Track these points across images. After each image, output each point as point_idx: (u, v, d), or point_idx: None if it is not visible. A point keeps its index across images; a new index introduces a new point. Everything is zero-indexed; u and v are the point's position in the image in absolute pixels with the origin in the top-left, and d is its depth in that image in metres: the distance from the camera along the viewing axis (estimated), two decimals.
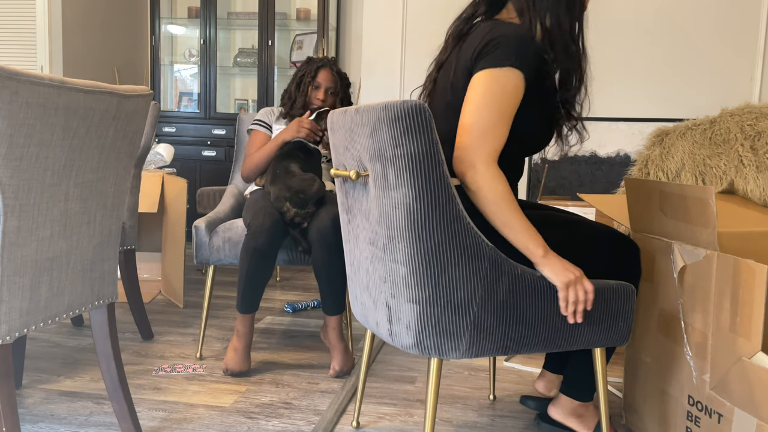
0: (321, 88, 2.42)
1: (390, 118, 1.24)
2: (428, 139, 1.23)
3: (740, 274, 1.33)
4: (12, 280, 1.23)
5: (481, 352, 1.32)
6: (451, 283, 1.28)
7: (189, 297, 3.10)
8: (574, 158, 3.56)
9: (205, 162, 4.47)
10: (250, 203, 2.21)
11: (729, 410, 1.36)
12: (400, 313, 1.34)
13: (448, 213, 1.26)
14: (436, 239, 1.26)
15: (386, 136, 1.26)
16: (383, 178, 1.31)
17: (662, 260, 1.59)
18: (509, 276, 1.31)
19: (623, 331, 1.44)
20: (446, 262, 1.28)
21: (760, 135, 1.89)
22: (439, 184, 1.25)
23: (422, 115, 1.22)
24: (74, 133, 1.30)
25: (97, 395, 1.91)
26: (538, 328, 1.35)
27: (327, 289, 2.10)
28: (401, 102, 1.22)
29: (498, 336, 1.32)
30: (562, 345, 1.38)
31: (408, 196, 1.26)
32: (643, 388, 1.69)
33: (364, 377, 1.72)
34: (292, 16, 4.60)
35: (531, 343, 1.36)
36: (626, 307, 1.42)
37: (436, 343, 1.30)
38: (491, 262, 1.29)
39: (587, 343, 1.41)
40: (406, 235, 1.28)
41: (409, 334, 1.32)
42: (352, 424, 1.77)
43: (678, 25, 4.01)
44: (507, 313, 1.32)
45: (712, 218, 1.39)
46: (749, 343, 1.31)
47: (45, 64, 3.69)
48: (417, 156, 1.23)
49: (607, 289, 1.40)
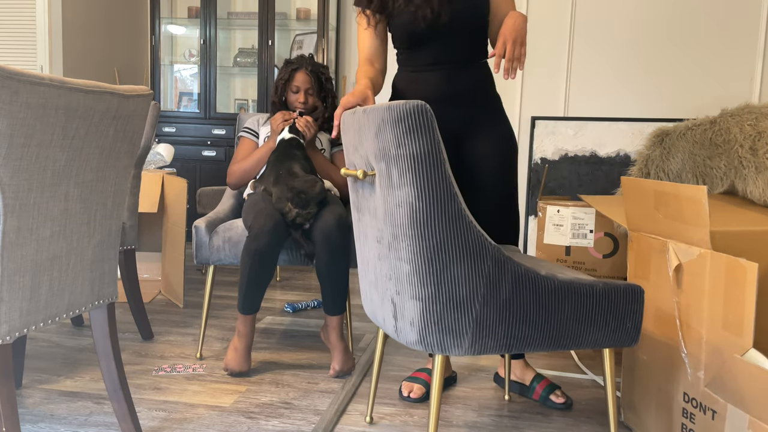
0: (300, 92, 2.43)
1: (393, 119, 1.27)
2: (430, 139, 1.26)
3: (732, 273, 1.34)
4: (12, 280, 1.23)
5: (484, 350, 1.34)
6: (453, 281, 1.30)
7: (189, 297, 3.10)
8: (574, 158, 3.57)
9: (205, 162, 4.47)
10: (250, 204, 2.21)
11: (722, 407, 1.36)
12: (404, 310, 1.36)
13: (450, 212, 1.28)
14: (439, 237, 1.28)
15: (390, 136, 1.29)
16: (387, 177, 1.34)
17: (658, 259, 1.60)
18: (512, 274, 1.32)
19: (631, 333, 1.42)
20: (448, 260, 1.29)
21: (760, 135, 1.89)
22: (440, 183, 1.27)
23: (424, 116, 1.25)
24: (74, 133, 1.30)
25: (97, 395, 1.91)
26: (542, 327, 1.35)
27: (329, 289, 2.10)
28: (404, 103, 1.25)
29: (501, 334, 1.33)
30: (567, 344, 1.38)
31: (411, 195, 1.28)
32: (641, 386, 1.70)
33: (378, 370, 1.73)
34: (292, 16, 4.60)
35: (535, 342, 1.36)
36: (634, 308, 1.41)
37: (439, 339, 1.32)
38: (494, 261, 1.30)
39: (594, 344, 1.40)
40: (409, 233, 1.30)
41: (413, 330, 1.34)
42: (366, 419, 1.79)
43: (678, 26, 4.01)
44: (510, 311, 1.33)
45: (705, 217, 1.40)
46: (741, 340, 1.32)
47: (45, 64, 3.69)
48: (419, 155, 1.26)
49: (614, 290, 1.39)
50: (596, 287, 1.38)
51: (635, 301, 1.41)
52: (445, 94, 1.84)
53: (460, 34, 1.82)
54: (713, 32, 3.97)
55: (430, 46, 1.83)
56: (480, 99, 1.88)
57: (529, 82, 4.25)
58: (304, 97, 2.42)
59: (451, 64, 1.84)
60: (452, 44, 1.82)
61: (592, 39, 4.12)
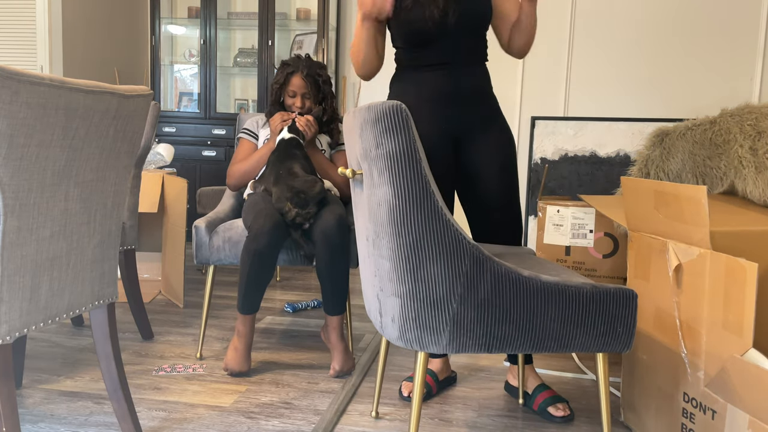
0: (297, 96, 2.42)
1: (372, 120, 1.30)
2: (405, 138, 1.29)
3: (732, 272, 1.34)
4: (12, 280, 1.23)
5: (463, 348, 1.34)
6: (430, 279, 1.31)
7: (189, 297, 3.10)
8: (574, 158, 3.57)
9: (205, 162, 4.47)
10: (250, 204, 2.21)
11: (722, 407, 1.36)
12: (386, 306, 1.39)
13: (426, 210, 1.30)
14: (415, 235, 1.31)
15: (370, 136, 1.33)
16: (370, 176, 1.37)
17: (658, 259, 1.60)
18: (492, 274, 1.32)
19: (622, 338, 1.39)
20: (425, 257, 1.31)
21: (760, 135, 1.89)
22: (416, 181, 1.29)
23: (399, 116, 1.28)
24: (74, 133, 1.30)
25: (97, 395, 1.91)
26: (524, 328, 1.34)
27: (329, 289, 2.10)
28: (381, 103, 1.29)
29: (479, 333, 1.34)
30: (552, 347, 1.37)
31: (388, 193, 1.31)
32: (641, 386, 1.69)
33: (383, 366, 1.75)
34: (292, 16, 4.60)
35: (517, 343, 1.35)
36: (625, 312, 1.38)
37: (417, 336, 1.34)
38: (472, 260, 1.31)
39: (582, 347, 1.38)
40: (388, 231, 1.33)
41: (394, 326, 1.36)
42: (372, 414, 1.81)
43: (678, 25, 4.01)
44: (490, 311, 1.33)
45: (705, 217, 1.40)
46: (741, 340, 1.32)
47: (45, 64, 3.69)
48: (395, 155, 1.29)
49: (603, 293, 1.36)
50: (583, 290, 1.35)
51: (627, 306, 1.37)
52: (445, 94, 1.84)
53: (465, 35, 1.83)
54: (713, 32, 3.97)
55: (433, 45, 1.83)
56: (481, 100, 1.88)
57: (529, 82, 4.25)
58: (301, 102, 2.42)
59: (452, 64, 1.84)
60: (455, 44, 1.83)
61: (593, 39, 4.12)
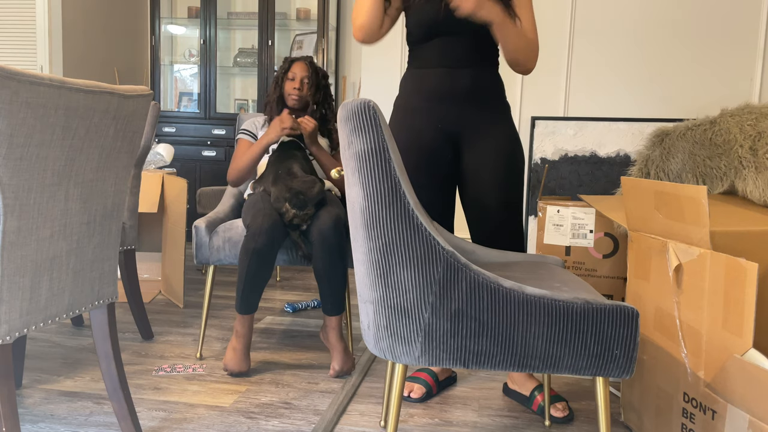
0: (296, 79, 2.42)
1: (344, 118, 1.26)
2: (374, 137, 1.23)
3: (732, 273, 1.34)
4: (12, 280, 1.23)
5: (436, 362, 1.26)
6: (400, 286, 1.24)
7: (189, 297, 3.10)
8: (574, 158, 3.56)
9: (205, 162, 4.47)
10: (249, 204, 2.21)
11: (722, 407, 1.36)
12: (362, 312, 1.35)
13: (396, 212, 1.23)
14: (385, 239, 1.24)
15: (343, 135, 1.28)
16: (347, 176, 1.33)
17: (658, 259, 1.60)
18: (467, 282, 1.22)
19: (620, 362, 1.22)
20: (396, 262, 1.24)
21: (760, 135, 1.88)
22: (386, 182, 1.23)
23: (367, 113, 1.23)
24: (74, 133, 1.30)
25: (97, 395, 1.91)
26: (504, 344, 1.23)
27: (327, 290, 2.10)
28: (352, 101, 1.24)
29: (454, 346, 1.24)
30: (538, 366, 1.24)
31: (359, 194, 1.26)
32: (641, 386, 1.69)
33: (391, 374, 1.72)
34: (292, 16, 4.60)
35: (496, 360, 1.24)
36: (624, 333, 1.21)
37: (390, 345, 1.27)
38: (446, 266, 1.22)
39: (573, 370, 1.24)
40: (362, 234, 1.27)
41: (369, 334, 1.31)
42: (380, 423, 1.78)
43: (678, 25, 4.01)
44: (464, 322, 1.23)
45: (705, 217, 1.40)
46: (741, 340, 1.32)
47: (45, 64, 3.69)
48: (364, 154, 1.24)
49: (598, 310, 1.21)
50: (574, 305, 1.21)
51: (626, 326, 1.21)
52: (445, 93, 1.84)
53: (467, 35, 1.82)
54: (713, 32, 3.97)
55: (439, 43, 1.83)
56: (482, 101, 1.86)
57: (529, 82, 4.25)
58: (300, 84, 2.42)
59: (454, 64, 1.83)
60: (460, 43, 1.82)
61: (593, 39, 4.12)
